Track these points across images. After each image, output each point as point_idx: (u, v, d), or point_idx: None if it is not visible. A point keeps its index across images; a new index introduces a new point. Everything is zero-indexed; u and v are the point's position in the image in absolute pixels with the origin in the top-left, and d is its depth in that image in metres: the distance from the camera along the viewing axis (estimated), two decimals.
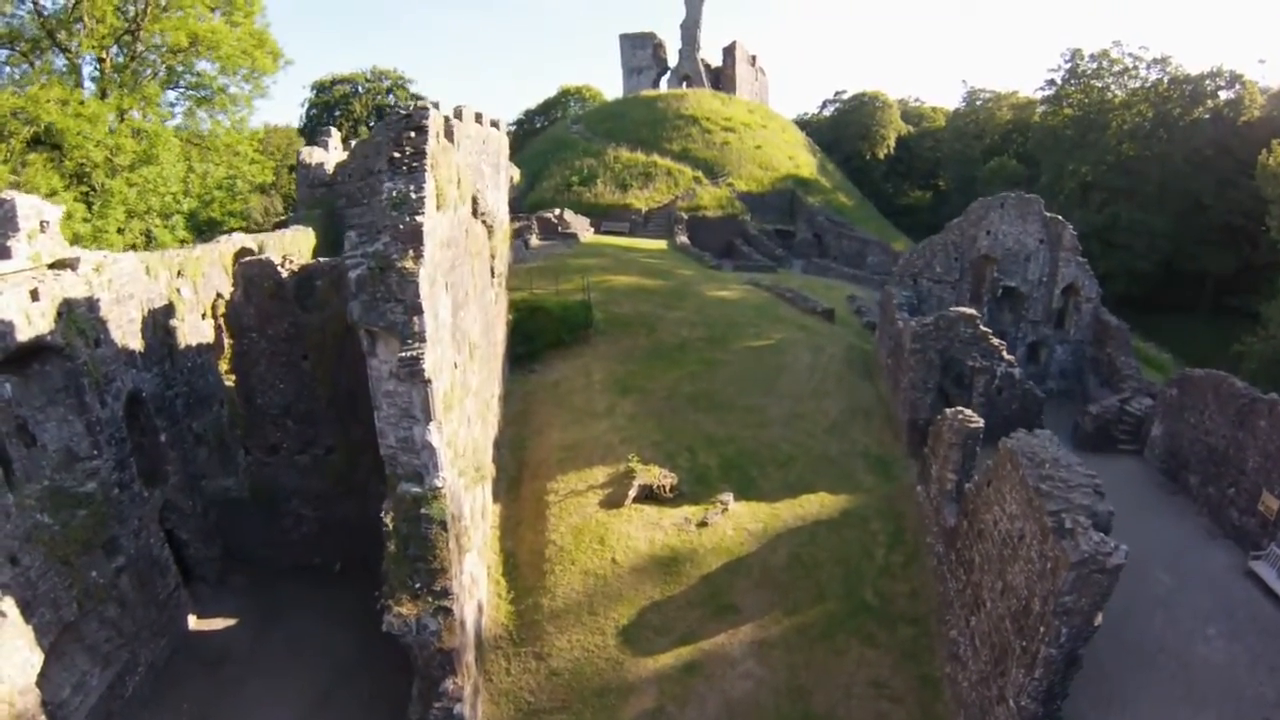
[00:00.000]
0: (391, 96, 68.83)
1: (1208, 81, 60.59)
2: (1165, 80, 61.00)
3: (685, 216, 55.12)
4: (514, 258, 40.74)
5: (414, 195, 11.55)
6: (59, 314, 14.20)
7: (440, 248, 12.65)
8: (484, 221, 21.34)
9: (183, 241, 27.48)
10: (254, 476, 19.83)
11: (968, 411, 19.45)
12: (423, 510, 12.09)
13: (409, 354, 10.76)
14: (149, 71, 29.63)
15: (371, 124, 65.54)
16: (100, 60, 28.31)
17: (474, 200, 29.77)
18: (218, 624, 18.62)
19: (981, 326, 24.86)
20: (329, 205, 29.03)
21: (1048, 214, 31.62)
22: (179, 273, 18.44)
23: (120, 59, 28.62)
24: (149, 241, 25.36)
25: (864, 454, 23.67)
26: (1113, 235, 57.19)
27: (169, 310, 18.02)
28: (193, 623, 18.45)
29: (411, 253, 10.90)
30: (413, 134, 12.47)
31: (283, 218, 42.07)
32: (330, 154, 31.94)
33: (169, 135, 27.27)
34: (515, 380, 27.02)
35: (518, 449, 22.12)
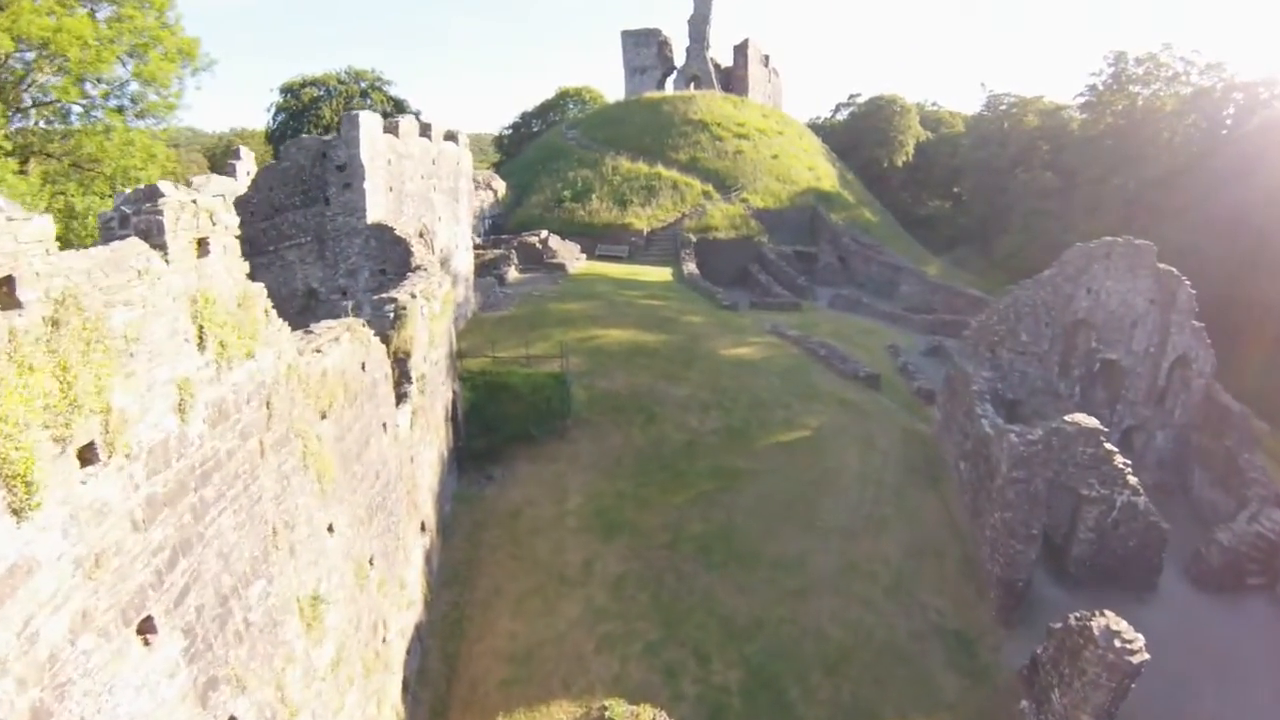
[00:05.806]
0: (368, 99, 61.59)
1: (1261, 88, 53.29)
2: (1219, 88, 53.64)
3: (693, 239, 48.07)
4: (483, 301, 33.84)
5: None
6: None
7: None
8: (397, 312, 14.56)
9: None
10: None
11: (1127, 630, 12.58)
12: None
13: None
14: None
15: None
16: None
17: (419, 237, 22.91)
18: None
19: (1106, 444, 17.93)
20: None
21: (1161, 266, 24.72)
22: None
23: None
24: None
25: (940, 630, 16.86)
26: (1159, 259, 50.26)
27: None
28: None
29: None
30: None
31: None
32: (241, 182, 25.09)
33: (7, 169, 20.51)
34: (464, 496, 20.33)
35: (451, 639, 15.33)
